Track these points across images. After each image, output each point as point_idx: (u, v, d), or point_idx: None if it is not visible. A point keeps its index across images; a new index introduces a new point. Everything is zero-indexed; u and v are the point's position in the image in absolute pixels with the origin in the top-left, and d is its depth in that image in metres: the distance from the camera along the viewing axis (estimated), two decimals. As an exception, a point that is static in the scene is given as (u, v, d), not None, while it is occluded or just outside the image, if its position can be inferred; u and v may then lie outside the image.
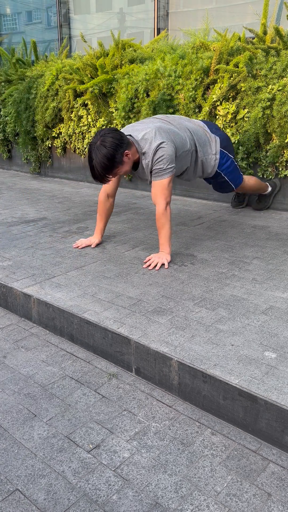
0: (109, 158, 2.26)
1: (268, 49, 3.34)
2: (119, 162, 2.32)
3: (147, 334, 1.75)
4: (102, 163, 2.27)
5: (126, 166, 2.38)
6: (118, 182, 2.73)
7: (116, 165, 2.31)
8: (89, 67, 4.41)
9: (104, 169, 2.29)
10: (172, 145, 2.43)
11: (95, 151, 2.27)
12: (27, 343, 2.02)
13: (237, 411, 1.44)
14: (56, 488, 1.25)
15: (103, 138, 2.28)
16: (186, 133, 2.62)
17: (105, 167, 2.29)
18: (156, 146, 2.38)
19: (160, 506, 1.19)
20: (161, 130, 2.44)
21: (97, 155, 2.26)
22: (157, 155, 2.38)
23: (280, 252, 2.63)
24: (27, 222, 3.42)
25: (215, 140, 2.80)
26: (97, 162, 2.27)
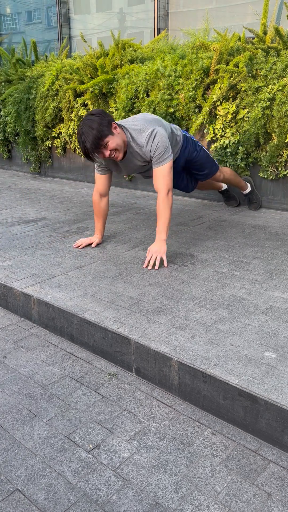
0: (98, 127, 2.30)
1: (268, 49, 3.34)
2: (109, 132, 2.34)
3: (147, 334, 1.75)
4: (93, 132, 2.30)
5: (116, 139, 2.37)
6: (109, 181, 2.75)
7: (106, 133, 2.33)
8: (89, 67, 4.41)
9: (96, 137, 2.31)
10: (163, 129, 2.48)
11: (84, 127, 2.33)
12: (27, 343, 2.02)
13: (237, 411, 1.44)
14: (56, 488, 1.25)
15: (88, 117, 2.36)
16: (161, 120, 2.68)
17: (96, 136, 2.31)
18: (150, 133, 2.41)
19: (160, 506, 1.19)
20: (148, 120, 2.49)
21: (87, 127, 2.31)
22: (154, 141, 2.41)
23: (280, 252, 2.63)
24: (27, 222, 3.42)
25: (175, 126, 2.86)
26: (87, 133, 2.31)
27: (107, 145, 2.35)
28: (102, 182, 2.73)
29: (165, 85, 3.79)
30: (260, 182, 3.61)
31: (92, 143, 2.31)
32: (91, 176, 4.98)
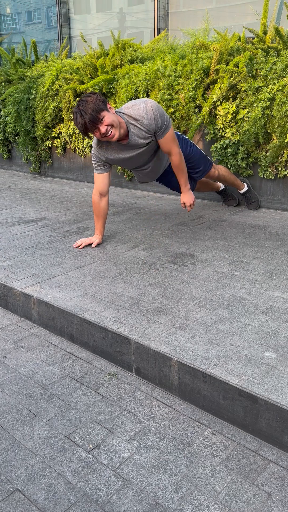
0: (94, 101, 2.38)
1: (268, 49, 3.34)
2: (105, 107, 2.42)
3: (147, 334, 1.75)
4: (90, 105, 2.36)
5: (111, 116, 2.43)
6: (108, 180, 2.76)
7: (101, 107, 2.39)
8: (89, 67, 4.41)
9: (93, 110, 2.36)
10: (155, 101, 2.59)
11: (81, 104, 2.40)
12: (27, 343, 2.02)
13: (237, 411, 1.44)
14: (56, 488, 1.25)
15: (83, 97, 2.43)
16: None
17: (93, 108, 2.36)
18: (144, 103, 2.49)
19: (160, 506, 1.19)
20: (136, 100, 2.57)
21: (83, 102, 2.39)
22: (153, 111, 2.48)
23: (280, 252, 2.63)
24: (27, 222, 3.42)
25: None
26: (85, 107, 2.37)
27: (103, 120, 2.41)
28: (101, 181, 2.74)
29: (165, 85, 3.79)
30: (260, 182, 3.61)
31: (90, 116, 2.37)
32: (91, 176, 4.98)
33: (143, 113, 2.48)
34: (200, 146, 3.85)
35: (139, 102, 2.51)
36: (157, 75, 3.86)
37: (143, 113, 2.48)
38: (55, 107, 4.81)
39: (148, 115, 2.48)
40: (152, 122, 2.49)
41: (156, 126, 2.52)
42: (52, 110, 4.82)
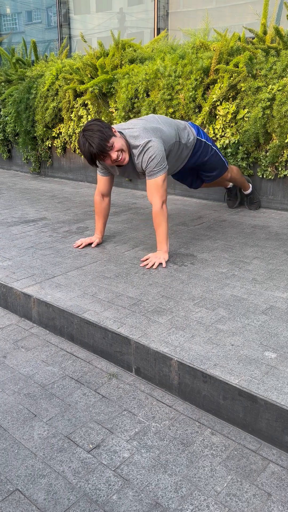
0: (101, 129, 2.30)
1: (268, 49, 3.34)
2: (111, 134, 2.34)
3: (147, 334, 1.75)
4: (97, 134, 2.29)
5: (119, 141, 2.37)
6: (111, 182, 2.74)
7: (109, 134, 2.33)
8: (89, 67, 4.41)
9: (101, 139, 2.30)
10: (160, 141, 2.44)
11: (86, 133, 2.32)
12: (27, 343, 2.02)
13: (237, 411, 1.44)
14: (56, 488, 1.25)
15: (87, 126, 2.36)
16: (170, 128, 2.62)
17: (101, 137, 2.29)
18: (144, 144, 2.38)
19: (160, 506, 1.19)
20: (147, 128, 2.45)
21: (89, 132, 2.31)
22: (148, 153, 2.38)
23: (280, 252, 2.63)
24: (27, 222, 3.42)
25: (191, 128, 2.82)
26: (91, 137, 2.30)
27: (113, 146, 2.33)
28: (104, 183, 2.72)
29: (165, 85, 3.79)
30: (260, 182, 3.62)
31: (98, 145, 2.29)
32: (91, 176, 4.98)
33: (137, 153, 2.41)
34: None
35: (142, 139, 2.39)
36: (157, 75, 3.86)
37: (136, 153, 2.41)
38: (55, 107, 4.81)
39: (139, 157, 2.41)
40: (140, 163, 2.42)
41: (144, 168, 2.43)
42: (52, 110, 4.82)
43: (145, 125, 2.47)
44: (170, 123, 2.65)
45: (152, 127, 2.48)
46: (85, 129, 2.34)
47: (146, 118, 2.62)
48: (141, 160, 2.41)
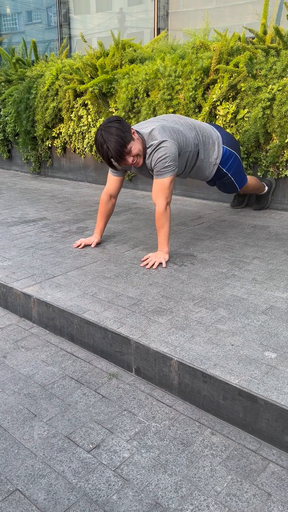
0: (120, 133, 2.26)
1: (268, 49, 3.34)
2: (130, 137, 2.31)
3: (147, 334, 1.75)
4: (115, 138, 2.26)
5: (137, 144, 2.35)
6: (121, 184, 2.73)
7: (128, 139, 2.30)
8: (89, 67, 4.41)
9: (119, 144, 2.27)
10: (175, 143, 2.41)
11: (105, 134, 2.27)
12: (27, 343, 2.02)
13: (237, 411, 1.44)
14: (56, 488, 1.25)
15: (107, 124, 2.30)
16: (191, 132, 2.59)
17: (119, 142, 2.27)
18: (157, 144, 2.36)
19: (160, 506, 1.19)
20: (164, 128, 2.42)
21: (108, 134, 2.27)
22: (159, 153, 2.36)
23: (280, 252, 2.63)
24: (27, 222, 3.42)
25: (219, 143, 2.76)
26: (110, 140, 2.26)
27: (130, 150, 2.32)
28: (114, 183, 2.70)
29: (165, 85, 3.79)
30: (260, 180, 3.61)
31: (115, 151, 2.28)
32: (91, 176, 4.98)
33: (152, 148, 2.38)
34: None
35: (158, 138, 2.37)
36: (157, 75, 3.86)
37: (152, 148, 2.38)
38: (55, 107, 4.81)
39: (150, 156, 2.39)
40: (150, 162, 2.41)
41: (152, 166, 2.42)
42: (52, 110, 4.82)
43: (164, 125, 2.44)
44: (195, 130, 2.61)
45: (171, 127, 2.46)
46: (104, 129, 2.29)
47: (167, 118, 2.58)
48: (151, 158, 2.39)
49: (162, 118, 2.63)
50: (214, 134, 2.76)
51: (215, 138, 2.75)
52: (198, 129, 2.66)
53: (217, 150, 2.75)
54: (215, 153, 2.74)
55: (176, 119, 2.62)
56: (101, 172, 4.84)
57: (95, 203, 4.00)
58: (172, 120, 2.59)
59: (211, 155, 2.74)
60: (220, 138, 2.78)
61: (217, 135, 2.77)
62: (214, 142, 2.73)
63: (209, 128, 2.77)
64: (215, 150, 2.74)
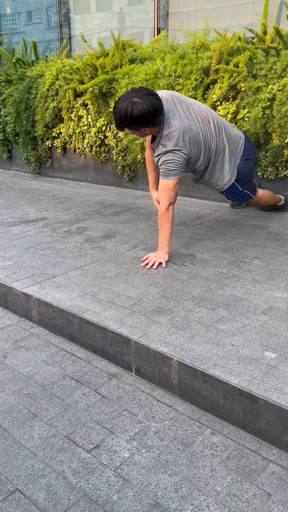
0: (129, 118, 2.25)
1: (268, 49, 3.34)
2: (135, 129, 2.33)
3: (147, 334, 1.75)
4: (123, 117, 2.26)
5: (138, 133, 2.38)
6: None
7: (130, 127, 2.32)
8: (89, 67, 4.41)
9: (120, 122, 2.28)
10: (186, 157, 2.38)
11: (127, 102, 2.23)
12: (27, 343, 2.02)
13: (237, 411, 1.44)
14: (56, 488, 1.25)
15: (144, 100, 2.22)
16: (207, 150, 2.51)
17: (122, 121, 2.28)
18: (171, 148, 2.34)
19: (160, 506, 1.19)
20: (185, 135, 2.36)
21: (125, 107, 2.23)
22: (167, 156, 2.35)
23: (280, 252, 2.63)
24: (27, 222, 3.42)
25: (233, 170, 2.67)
26: (119, 113, 2.26)
27: (130, 130, 2.35)
28: None
29: (165, 85, 3.79)
30: (260, 182, 3.61)
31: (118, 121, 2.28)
32: (91, 176, 4.98)
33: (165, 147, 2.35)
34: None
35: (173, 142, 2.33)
36: (157, 75, 3.86)
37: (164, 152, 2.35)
38: (55, 107, 4.81)
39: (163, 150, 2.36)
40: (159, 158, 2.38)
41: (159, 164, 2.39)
42: (52, 110, 4.82)
43: (187, 128, 2.36)
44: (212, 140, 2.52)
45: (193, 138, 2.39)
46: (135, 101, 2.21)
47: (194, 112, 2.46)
48: (159, 157, 2.38)
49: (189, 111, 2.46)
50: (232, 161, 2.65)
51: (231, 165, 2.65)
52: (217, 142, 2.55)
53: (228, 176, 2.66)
54: (227, 178, 2.66)
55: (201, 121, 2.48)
56: (101, 172, 4.84)
57: (95, 203, 4.00)
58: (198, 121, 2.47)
59: (222, 178, 2.66)
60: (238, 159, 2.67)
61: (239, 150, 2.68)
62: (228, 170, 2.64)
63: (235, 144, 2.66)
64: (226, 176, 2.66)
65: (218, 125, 2.56)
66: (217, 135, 2.55)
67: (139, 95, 2.22)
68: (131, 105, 2.22)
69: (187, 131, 2.37)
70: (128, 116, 2.24)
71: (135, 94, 2.23)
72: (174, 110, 2.38)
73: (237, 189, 2.76)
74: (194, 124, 2.43)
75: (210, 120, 2.53)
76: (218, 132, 2.55)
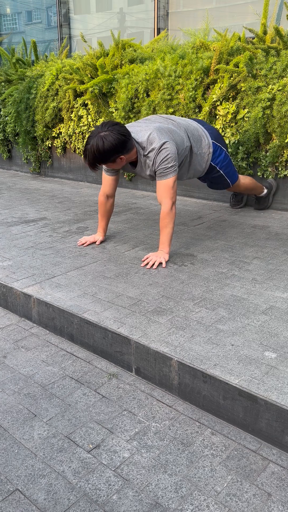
0: (103, 153, 2.30)
1: (268, 49, 3.34)
2: (112, 161, 2.38)
3: (147, 334, 1.75)
4: (96, 153, 2.31)
5: (116, 166, 2.44)
6: (116, 183, 2.75)
7: (107, 161, 2.37)
8: (89, 67, 4.41)
9: (95, 159, 2.34)
10: (174, 143, 2.45)
11: (96, 139, 2.30)
12: (27, 343, 2.02)
13: (237, 411, 1.44)
14: (56, 488, 1.25)
15: (111, 132, 2.30)
16: (181, 129, 2.63)
17: (96, 158, 2.33)
18: (159, 146, 2.39)
19: (160, 506, 1.19)
20: (161, 130, 2.46)
21: (95, 144, 2.29)
22: (161, 155, 2.39)
23: (280, 252, 2.63)
24: (27, 222, 3.42)
25: (206, 134, 2.80)
26: (91, 151, 2.32)
27: (106, 165, 2.42)
28: (109, 183, 2.74)
29: (165, 85, 3.79)
30: (260, 182, 3.61)
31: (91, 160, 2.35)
32: (91, 176, 4.98)
33: (152, 155, 2.41)
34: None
35: (159, 141, 2.39)
36: (157, 75, 3.86)
37: (152, 155, 2.41)
38: (55, 107, 4.81)
39: (153, 159, 2.41)
40: (152, 164, 2.44)
41: (156, 169, 2.44)
42: (52, 110, 4.82)
43: (160, 127, 2.47)
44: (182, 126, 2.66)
45: (166, 128, 2.50)
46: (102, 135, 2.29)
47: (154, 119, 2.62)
48: (154, 161, 2.42)
49: (148, 119, 2.66)
50: (200, 128, 2.80)
51: (201, 131, 2.78)
52: (185, 125, 2.70)
53: (206, 140, 2.78)
54: (206, 143, 2.77)
55: (163, 120, 2.65)
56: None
57: (95, 203, 4.00)
58: (161, 120, 2.63)
59: (203, 146, 2.76)
60: (205, 131, 2.81)
61: (202, 128, 2.82)
62: (201, 134, 2.77)
63: (193, 123, 2.82)
64: (204, 140, 2.77)
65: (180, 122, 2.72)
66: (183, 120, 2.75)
67: (104, 128, 2.31)
68: (100, 140, 2.29)
69: (159, 127, 2.47)
70: (102, 151, 2.29)
71: (100, 129, 2.32)
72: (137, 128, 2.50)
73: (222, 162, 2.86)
74: (159, 123, 2.57)
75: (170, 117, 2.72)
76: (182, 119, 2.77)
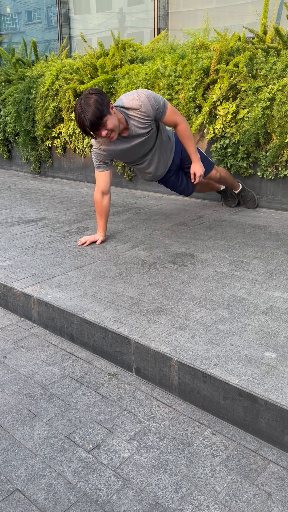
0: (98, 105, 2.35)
1: (268, 49, 3.34)
2: (107, 111, 2.41)
3: (147, 334, 1.75)
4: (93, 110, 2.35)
5: (113, 119, 2.45)
6: (110, 178, 2.80)
7: (105, 112, 2.39)
8: (89, 67, 4.41)
9: (96, 116, 2.36)
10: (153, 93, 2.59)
11: (84, 104, 2.37)
12: (27, 343, 2.02)
13: (237, 411, 1.44)
14: (56, 488, 1.25)
15: (87, 95, 2.40)
16: None
17: (96, 114, 2.35)
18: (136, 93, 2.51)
19: (160, 506, 1.19)
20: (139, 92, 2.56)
21: (86, 105, 2.36)
22: (149, 99, 2.51)
23: (280, 252, 2.63)
24: (27, 222, 3.42)
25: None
26: (87, 111, 2.36)
27: (106, 124, 2.42)
28: (102, 179, 2.77)
29: (165, 85, 3.79)
30: (260, 182, 3.62)
31: (91, 122, 2.37)
32: (91, 176, 4.98)
33: (139, 102, 2.51)
34: (200, 146, 3.85)
35: (132, 94, 2.54)
36: (157, 75, 3.86)
37: (139, 102, 2.51)
38: (55, 107, 4.81)
39: (144, 103, 2.51)
40: (150, 109, 2.53)
41: (154, 111, 2.55)
42: (52, 110, 4.82)
43: (138, 91, 2.59)
44: None
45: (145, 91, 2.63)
46: (84, 99, 2.39)
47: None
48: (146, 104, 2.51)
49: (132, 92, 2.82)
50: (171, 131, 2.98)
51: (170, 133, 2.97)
52: None
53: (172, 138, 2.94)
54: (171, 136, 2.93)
55: None
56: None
57: (95, 203, 4.01)
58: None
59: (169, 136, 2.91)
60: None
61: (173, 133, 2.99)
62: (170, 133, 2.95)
63: None
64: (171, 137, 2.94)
65: None
66: None
67: (79, 101, 2.40)
68: (84, 105, 2.37)
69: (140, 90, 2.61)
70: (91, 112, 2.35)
71: (77, 104, 2.41)
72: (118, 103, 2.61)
73: None
74: None
75: None
76: None
